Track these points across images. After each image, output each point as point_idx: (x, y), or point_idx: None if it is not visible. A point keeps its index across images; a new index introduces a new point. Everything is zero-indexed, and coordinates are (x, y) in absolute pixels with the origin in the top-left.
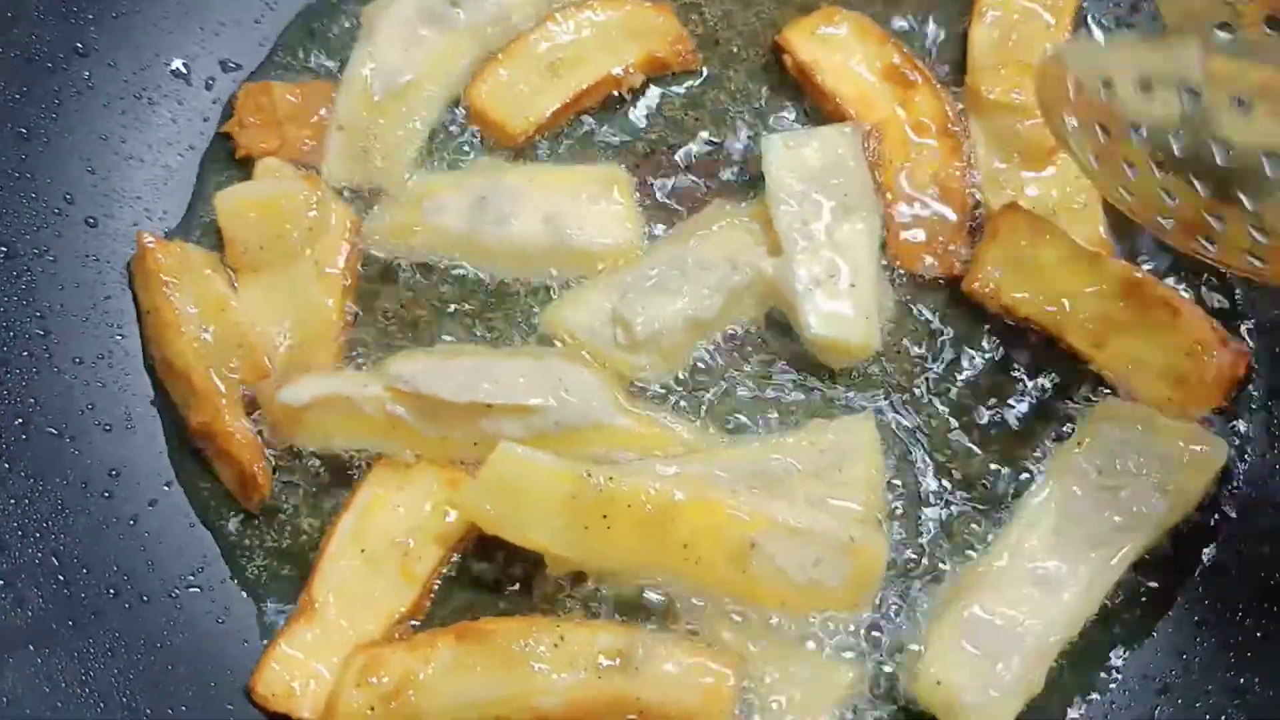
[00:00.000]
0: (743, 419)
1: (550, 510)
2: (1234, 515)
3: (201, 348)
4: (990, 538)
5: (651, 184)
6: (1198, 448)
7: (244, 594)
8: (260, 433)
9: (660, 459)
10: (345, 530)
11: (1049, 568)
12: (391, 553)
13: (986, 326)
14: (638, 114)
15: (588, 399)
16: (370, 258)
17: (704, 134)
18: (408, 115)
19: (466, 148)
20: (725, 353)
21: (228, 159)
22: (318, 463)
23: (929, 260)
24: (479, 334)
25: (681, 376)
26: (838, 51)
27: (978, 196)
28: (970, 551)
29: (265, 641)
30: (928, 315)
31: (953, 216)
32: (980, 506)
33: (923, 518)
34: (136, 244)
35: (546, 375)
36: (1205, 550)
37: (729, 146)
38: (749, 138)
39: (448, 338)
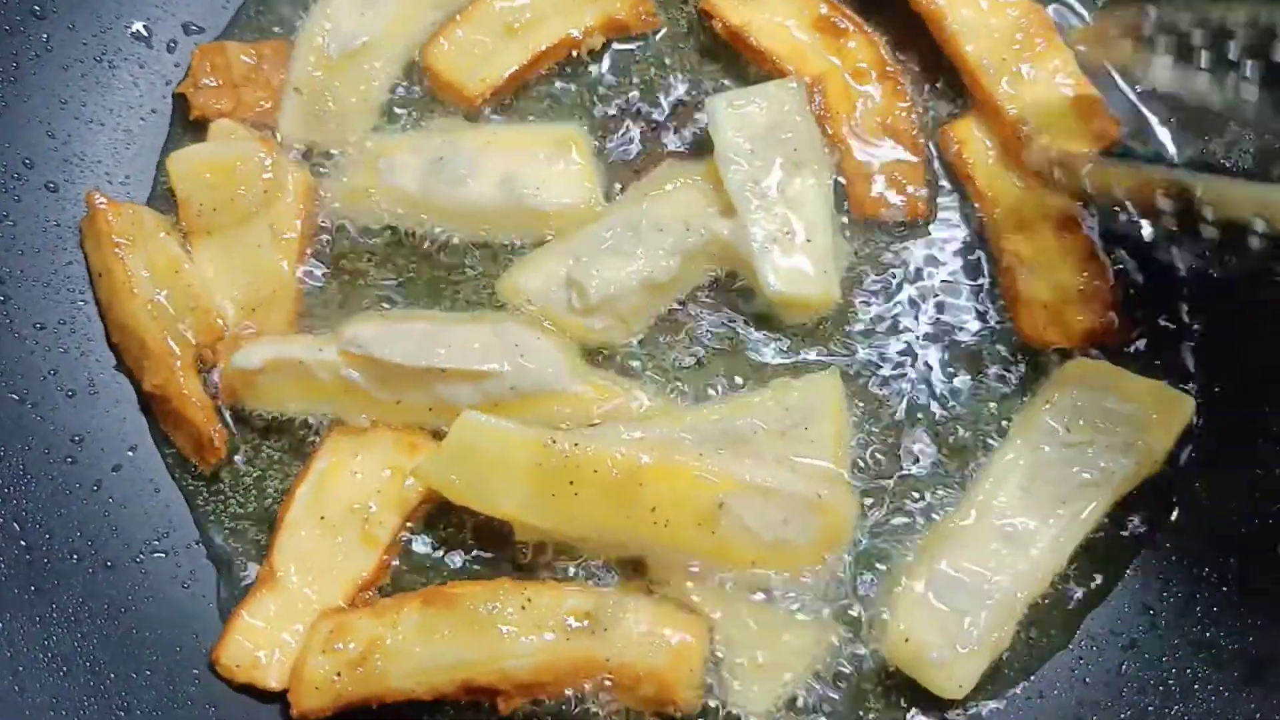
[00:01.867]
0: (705, 381)
1: (516, 479)
2: (1198, 471)
3: (155, 309)
4: (959, 492)
5: (607, 145)
6: (1164, 404)
7: (209, 559)
8: (215, 395)
9: (625, 423)
10: (303, 498)
11: (1017, 524)
12: (351, 519)
13: (949, 270)
14: (596, 76)
15: (544, 365)
16: (326, 220)
17: (660, 95)
18: (364, 77)
19: (425, 110)
20: (684, 314)
21: (185, 121)
22: (279, 425)
23: (892, 205)
24: (436, 300)
25: (641, 340)
26: (764, 10)
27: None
28: (939, 507)
29: (231, 607)
30: (891, 262)
31: (911, 158)
32: (948, 461)
33: (890, 474)
34: (87, 204)
35: (503, 340)
36: (1170, 506)
37: (682, 108)
38: (698, 98)
39: (404, 302)
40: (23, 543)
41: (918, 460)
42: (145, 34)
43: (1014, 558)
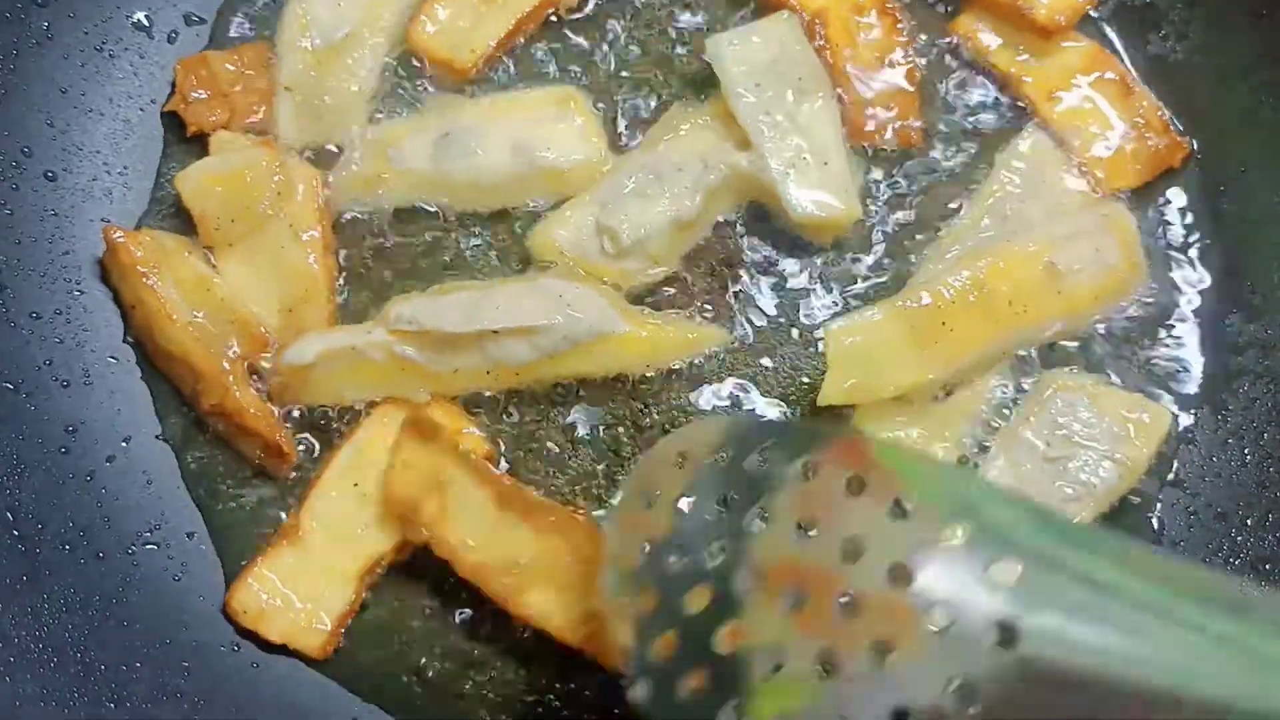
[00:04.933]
0: (747, 306)
1: (900, 350)
2: (1182, 488)
3: (196, 331)
4: None
5: (612, 100)
6: (1142, 416)
7: (202, 551)
8: (269, 397)
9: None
10: (342, 463)
11: None
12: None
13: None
14: (580, 32)
15: (592, 311)
16: (344, 213)
17: (653, 43)
18: (353, 67)
19: (422, 89)
20: (712, 248)
21: (182, 139)
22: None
23: (887, 134)
24: (466, 273)
25: (674, 277)
26: None
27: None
28: None
29: (224, 596)
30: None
31: (907, 87)
32: None
33: None
34: (105, 240)
35: (547, 294)
36: (1153, 522)
37: (675, 51)
38: (692, 41)
39: (437, 278)
40: (15, 532)
41: None
42: (146, 24)
43: None
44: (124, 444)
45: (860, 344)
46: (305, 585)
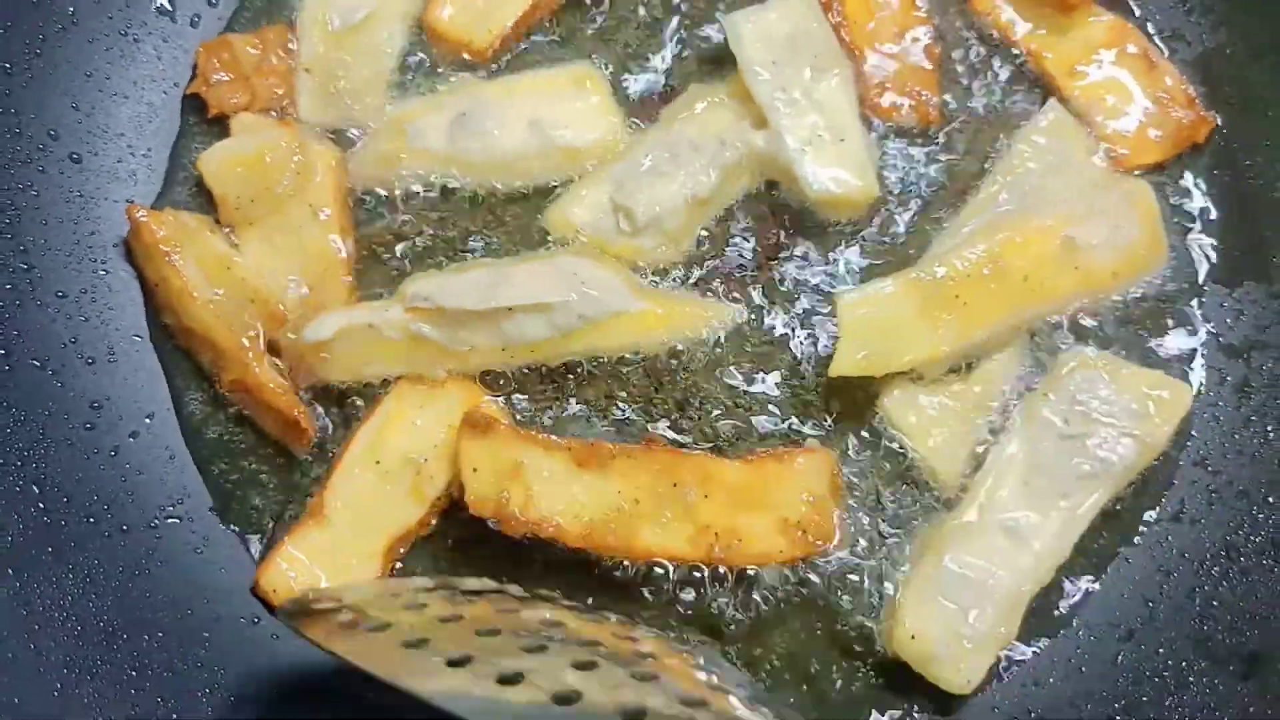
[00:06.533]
0: (762, 284)
1: (913, 322)
2: (1204, 466)
3: (217, 308)
4: None
5: (627, 79)
6: (1162, 393)
7: (224, 525)
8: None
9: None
10: (363, 441)
11: (1019, 518)
12: (404, 470)
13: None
14: (596, 13)
15: (606, 289)
16: (362, 192)
17: (668, 22)
18: (371, 49)
19: (436, 72)
20: (727, 227)
21: (205, 121)
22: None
23: (904, 111)
24: (481, 251)
25: (690, 255)
26: None
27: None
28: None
29: (251, 567)
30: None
31: (926, 64)
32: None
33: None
34: (128, 219)
35: (562, 272)
36: (1172, 500)
37: (691, 31)
38: (707, 21)
39: (454, 257)
40: (41, 505)
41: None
42: (169, 8)
43: (1016, 552)
44: (147, 420)
45: (873, 315)
46: (332, 563)
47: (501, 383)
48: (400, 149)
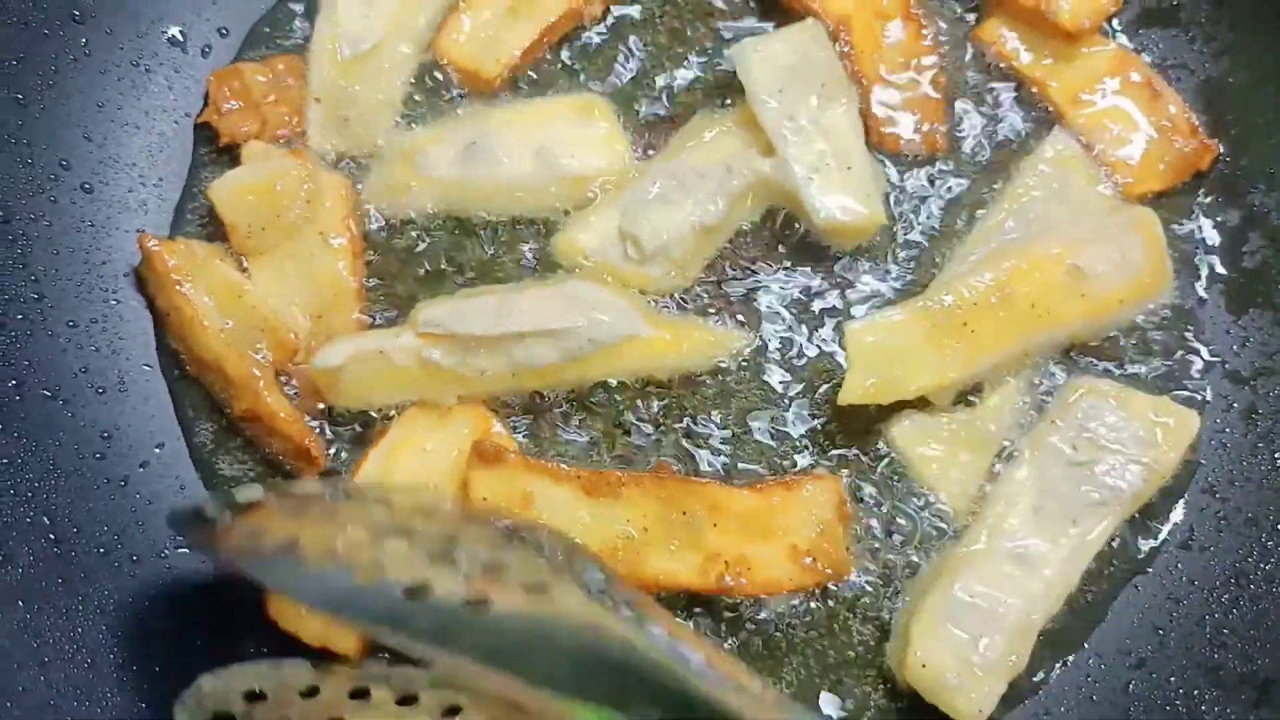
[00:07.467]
0: (770, 312)
1: (921, 350)
2: (1212, 493)
3: (227, 337)
4: None
5: (634, 108)
6: (1169, 420)
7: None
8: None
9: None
10: (373, 467)
11: (1028, 546)
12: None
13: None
14: (603, 42)
15: (617, 315)
16: (372, 222)
17: (675, 51)
18: (381, 78)
19: (448, 96)
20: (734, 254)
21: (216, 150)
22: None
23: (912, 140)
24: (490, 279)
25: (699, 282)
26: None
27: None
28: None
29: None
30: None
31: (932, 94)
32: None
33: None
34: (140, 249)
35: (572, 298)
36: (1182, 527)
37: (696, 59)
38: (713, 50)
39: (462, 283)
40: (51, 535)
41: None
42: (180, 39)
43: (1026, 580)
44: (157, 450)
45: (881, 343)
46: None
47: (511, 411)
48: (410, 178)
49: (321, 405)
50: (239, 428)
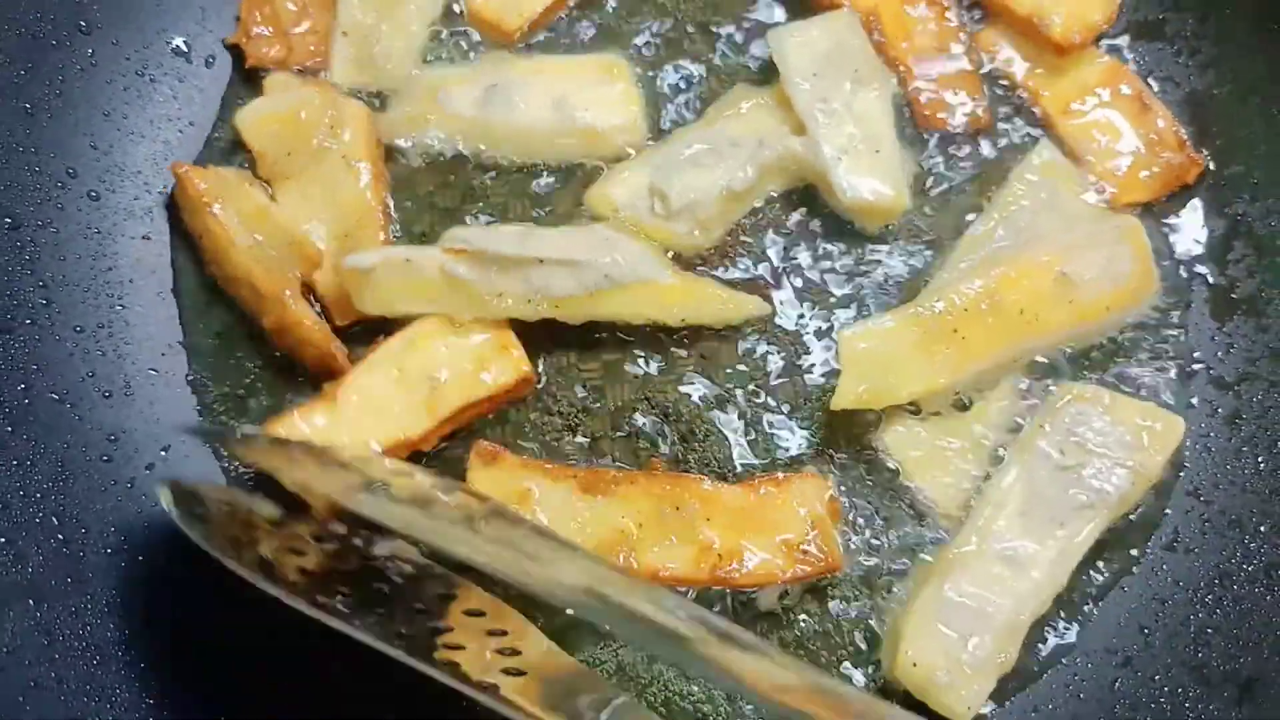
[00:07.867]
0: (782, 289)
1: (911, 357)
2: (1197, 496)
3: (256, 253)
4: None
5: (653, 75)
6: (1155, 424)
7: None
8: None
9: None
10: (392, 347)
11: (1017, 548)
12: (422, 383)
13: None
14: (626, 8)
15: (636, 258)
16: (396, 157)
17: (703, 21)
18: (408, 19)
19: (466, 46)
20: (759, 226)
21: (230, 144)
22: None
23: (957, 117)
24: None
25: (720, 246)
26: None
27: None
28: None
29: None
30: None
31: (968, 67)
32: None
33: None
34: (174, 175)
35: (595, 237)
36: (1167, 529)
37: (721, 33)
38: (747, 29)
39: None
40: (60, 535)
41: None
42: (185, 49)
43: (1015, 580)
44: (163, 452)
45: (873, 349)
46: (332, 441)
47: (514, 414)
48: (429, 110)
49: (343, 322)
50: (269, 338)
